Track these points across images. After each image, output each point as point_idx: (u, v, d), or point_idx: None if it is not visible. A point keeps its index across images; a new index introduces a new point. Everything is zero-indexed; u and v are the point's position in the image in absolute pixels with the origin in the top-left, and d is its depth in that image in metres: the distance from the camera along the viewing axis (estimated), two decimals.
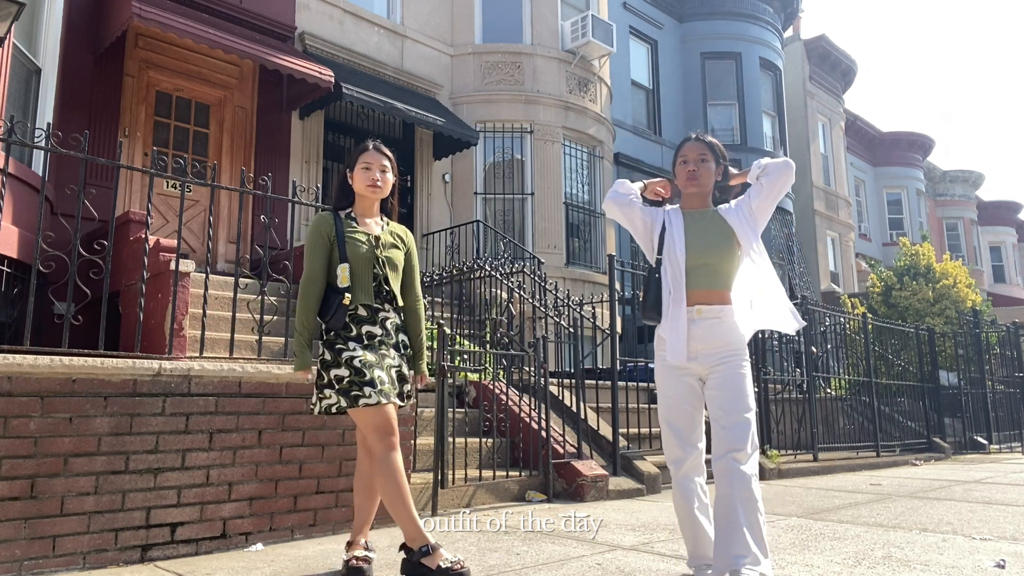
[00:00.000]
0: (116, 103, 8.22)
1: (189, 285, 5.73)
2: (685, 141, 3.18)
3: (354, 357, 3.06)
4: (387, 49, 11.04)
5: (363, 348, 3.09)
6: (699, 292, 2.98)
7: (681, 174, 3.13)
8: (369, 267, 3.18)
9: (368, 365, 3.05)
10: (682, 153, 3.15)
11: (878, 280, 16.37)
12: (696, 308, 2.96)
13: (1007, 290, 30.11)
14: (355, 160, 3.30)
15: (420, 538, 3.02)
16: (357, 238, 3.20)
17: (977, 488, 6.51)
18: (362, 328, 3.14)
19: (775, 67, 18.26)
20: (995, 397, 12.57)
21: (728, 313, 2.97)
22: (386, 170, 3.29)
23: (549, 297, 7.37)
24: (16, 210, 5.81)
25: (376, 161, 3.28)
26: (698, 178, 3.09)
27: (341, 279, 3.13)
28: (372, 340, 3.14)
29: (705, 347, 2.93)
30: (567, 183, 12.14)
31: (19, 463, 3.18)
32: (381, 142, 3.37)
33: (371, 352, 3.10)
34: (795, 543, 3.90)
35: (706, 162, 3.10)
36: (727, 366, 2.92)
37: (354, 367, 3.04)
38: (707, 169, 3.10)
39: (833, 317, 10.09)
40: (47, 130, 3.97)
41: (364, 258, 3.17)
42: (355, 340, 3.11)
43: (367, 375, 3.03)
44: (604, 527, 4.39)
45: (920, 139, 26.69)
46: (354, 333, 3.12)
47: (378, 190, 3.27)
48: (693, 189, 3.11)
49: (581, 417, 6.24)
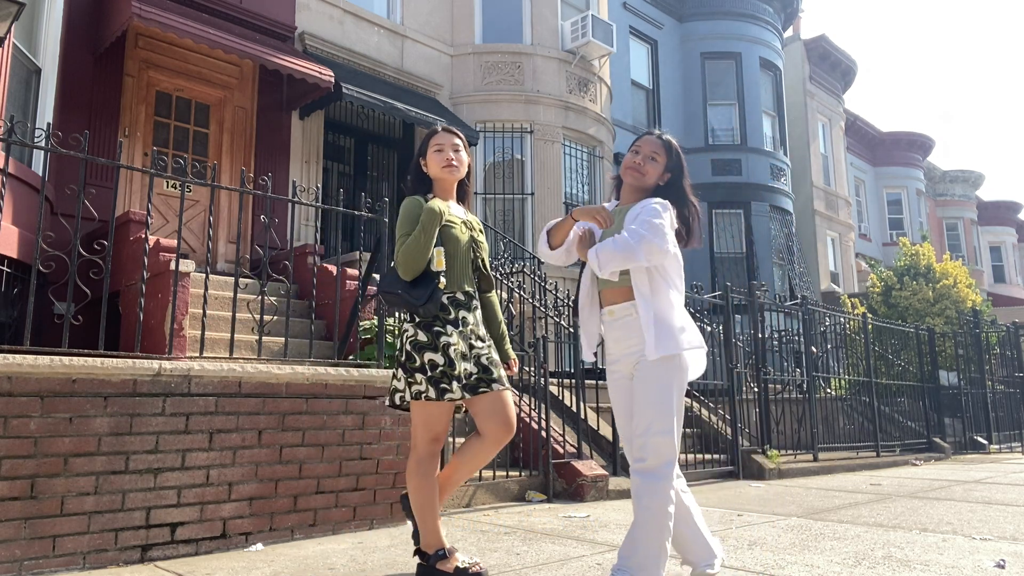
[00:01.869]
0: (116, 103, 8.22)
1: (189, 285, 5.74)
2: (646, 134, 3.03)
3: (450, 344, 2.94)
4: (387, 49, 11.04)
5: (459, 335, 2.98)
6: (608, 292, 2.87)
7: (626, 162, 2.97)
8: (468, 251, 3.10)
9: (461, 356, 2.95)
10: (637, 144, 2.99)
11: (878, 280, 16.37)
12: (608, 310, 2.86)
13: (1007, 290, 30.11)
14: (426, 145, 3.20)
15: (437, 542, 2.95)
16: (452, 221, 3.09)
17: (977, 488, 6.51)
18: (459, 312, 3.02)
19: (775, 67, 18.25)
20: (995, 397, 12.57)
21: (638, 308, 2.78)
22: (459, 148, 3.17)
23: (549, 297, 7.37)
24: (16, 210, 5.81)
25: (448, 141, 3.17)
26: (639, 171, 2.91)
27: (436, 262, 3.00)
28: (466, 327, 3.03)
29: (624, 347, 2.82)
30: (567, 183, 12.14)
31: (19, 463, 3.18)
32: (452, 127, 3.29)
33: (464, 340, 3.00)
34: (795, 543, 3.90)
35: (655, 161, 2.92)
36: (643, 365, 2.76)
37: (449, 356, 2.92)
38: (653, 167, 2.91)
39: (833, 317, 10.10)
40: (47, 130, 3.97)
41: (461, 242, 3.08)
42: (452, 324, 2.99)
43: (456, 368, 2.92)
44: (604, 527, 4.39)
45: (920, 139, 26.68)
46: (452, 316, 3.00)
47: (455, 169, 3.14)
48: (629, 179, 2.94)
49: (581, 417, 6.24)
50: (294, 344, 5.81)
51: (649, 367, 2.72)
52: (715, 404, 7.79)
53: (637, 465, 2.70)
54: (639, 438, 2.70)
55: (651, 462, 2.67)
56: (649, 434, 2.68)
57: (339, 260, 5.30)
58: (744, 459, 7.38)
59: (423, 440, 2.98)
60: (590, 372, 7.22)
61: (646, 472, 2.68)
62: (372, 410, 4.39)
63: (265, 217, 4.63)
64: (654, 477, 2.66)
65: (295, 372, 4.09)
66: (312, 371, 4.16)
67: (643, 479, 2.68)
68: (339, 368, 4.34)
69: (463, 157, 3.18)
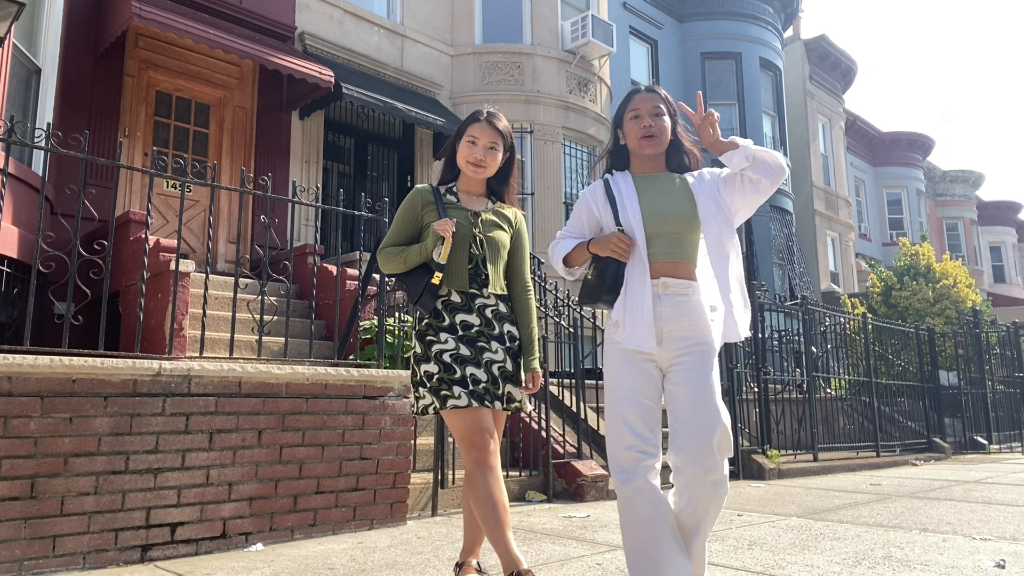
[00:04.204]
0: (116, 103, 8.22)
1: (189, 285, 5.74)
2: (635, 93, 2.67)
3: (444, 351, 2.70)
4: (387, 49, 11.04)
5: (457, 340, 2.71)
6: (661, 264, 2.49)
7: (633, 131, 2.60)
8: (465, 246, 2.77)
9: (461, 360, 2.69)
10: (632, 106, 2.62)
11: (878, 280, 16.37)
12: (661, 281, 2.47)
13: (1007, 290, 30.11)
14: (463, 130, 2.88)
15: (511, 564, 2.57)
16: (454, 214, 2.82)
17: (977, 488, 6.51)
18: (456, 317, 2.74)
19: (775, 67, 18.26)
20: (995, 397, 12.57)
21: (695, 291, 2.49)
22: (495, 147, 2.85)
23: (549, 297, 7.37)
24: (16, 210, 5.81)
25: (484, 136, 2.83)
26: (656, 135, 2.58)
27: (441, 256, 2.72)
28: (469, 331, 2.73)
29: (671, 329, 2.44)
30: (567, 183, 12.14)
31: (19, 463, 3.18)
32: (497, 112, 2.93)
33: (467, 345, 2.71)
34: (795, 543, 3.90)
35: (661, 116, 2.59)
36: (695, 356, 2.42)
37: (443, 362, 2.69)
38: (663, 125, 2.59)
39: (833, 317, 10.09)
40: (47, 130, 3.97)
41: (459, 235, 2.76)
42: (447, 331, 2.73)
43: (457, 372, 2.67)
44: (604, 527, 4.39)
45: (920, 139, 26.69)
46: (447, 323, 2.74)
47: (480, 171, 2.84)
48: (651, 151, 2.59)
49: (581, 417, 6.24)
50: (294, 344, 5.81)
51: (710, 355, 2.43)
52: None
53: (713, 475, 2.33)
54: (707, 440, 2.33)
55: (724, 467, 2.37)
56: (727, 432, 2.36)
57: (339, 260, 5.31)
58: (744, 459, 7.38)
59: (463, 453, 2.69)
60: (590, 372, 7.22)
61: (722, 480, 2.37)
62: (372, 410, 4.39)
63: (265, 217, 4.63)
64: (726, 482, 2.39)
65: (295, 372, 4.09)
66: (312, 371, 4.16)
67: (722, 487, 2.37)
68: (339, 368, 4.34)
69: (496, 157, 2.86)
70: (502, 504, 2.62)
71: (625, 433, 2.42)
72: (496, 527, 2.59)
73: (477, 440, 2.64)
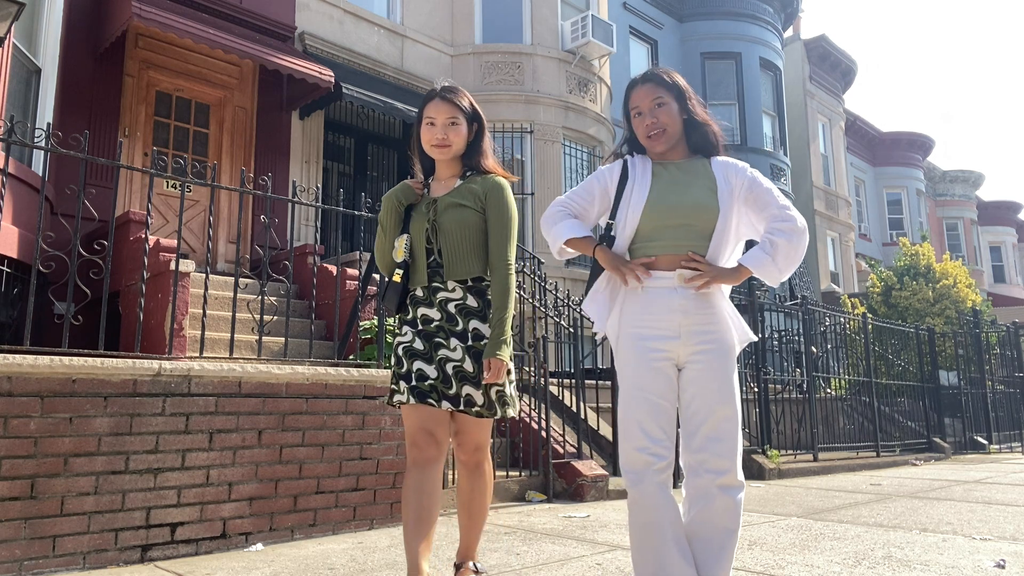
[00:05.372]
0: (116, 103, 8.22)
1: (189, 285, 5.74)
2: (633, 86, 2.51)
3: (401, 343, 2.64)
4: (387, 49, 11.04)
5: (415, 334, 2.62)
6: (672, 257, 2.38)
7: (639, 130, 2.48)
8: (421, 238, 2.66)
9: (412, 354, 2.59)
10: (633, 103, 2.49)
11: (878, 280, 16.37)
12: (677, 273, 2.35)
13: (1007, 290, 30.11)
14: (420, 113, 2.73)
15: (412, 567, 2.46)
16: (422, 208, 2.71)
17: (977, 488, 6.51)
18: (418, 310, 2.65)
19: (775, 67, 18.26)
20: (995, 397, 12.57)
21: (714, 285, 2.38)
22: (456, 122, 2.68)
23: (549, 297, 7.37)
24: (16, 210, 5.81)
25: (441, 113, 2.67)
26: (664, 130, 2.43)
27: (397, 252, 2.68)
28: (428, 325, 2.62)
29: (689, 323, 2.34)
30: (567, 183, 12.14)
31: (19, 463, 3.18)
32: (452, 85, 2.76)
33: (423, 339, 2.60)
34: (795, 543, 3.90)
35: (665, 106, 2.44)
36: (712, 354, 2.33)
37: (398, 355, 2.63)
38: (669, 114, 2.43)
39: (833, 317, 10.09)
40: (47, 130, 3.97)
41: (418, 226, 2.67)
42: (409, 324, 2.66)
43: (404, 367, 2.59)
44: (604, 527, 4.39)
45: (920, 139, 26.69)
46: (410, 316, 2.67)
47: (445, 150, 2.69)
48: (660, 148, 2.45)
49: (581, 417, 6.24)
50: (294, 344, 5.81)
51: (729, 351, 2.36)
52: None
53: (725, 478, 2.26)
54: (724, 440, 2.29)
55: (739, 472, 2.31)
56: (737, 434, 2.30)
57: (339, 260, 5.31)
58: (744, 459, 7.34)
59: (407, 450, 2.63)
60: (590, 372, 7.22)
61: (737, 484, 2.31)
62: (372, 410, 4.39)
63: (265, 217, 4.63)
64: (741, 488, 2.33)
65: (295, 372, 4.09)
66: (312, 371, 4.16)
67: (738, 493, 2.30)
68: (339, 368, 4.34)
69: (460, 132, 2.68)
70: (425, 510, 2.50)
71: (636, 434, 2.31)
72: (410, 532, 2.48)
73: (417, 439, 2.56)
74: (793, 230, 2.35)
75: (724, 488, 2.28)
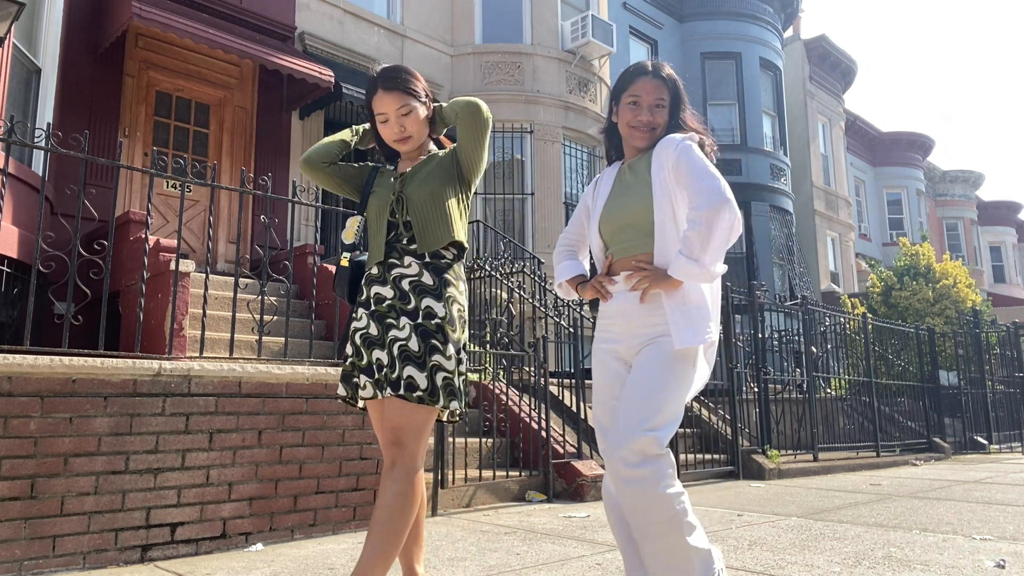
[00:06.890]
0: (116, 103, 8.22)
1: (189, 285, 5.74)
2: (639, 75, 2.39)
3: (358, 329, 2.48)
4: (387, 49, 11.04)
5: (369, 316, 2.46)
6: (623, 261, 2.35)
7: (626, 117, 2.39)
8: (384, 212, 2.50)
9: (370, 343, 2.42)
10: (633, 91, 2.38)
11: (878, 280, 16.38)
12: (623, 276, 2.34)
13: (1007, 290, 30.12)
14: (369, 110, 2.60)
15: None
16: (383, 182, 2.57)
17: (977, 488, 6.51)
18: (371, 289, 2.48)
19: (775, 67, 18.27)
20: (995, 397, 12.57)
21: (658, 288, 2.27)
22: (409, 110, 2.50)
23: (549, 297, 7.37)
24: (16, 210, 5.81)
25: (390, 106, 2.50)
26: (653, 130, 2.37)
27: (346, 234, 2.56)
28: (380, 305, 2.44)
29: (631, 325, 2.30)
30: (567, 183, 12.15)
31: (19, 463, 3.18)
32: (390, 69, 2.57)
33: (377, 322, 2.43)
34: (795, 543, 3.90)
35: (662, 109, 2.37)
36: (650, 350, 2.23)
37: (355, 343, 2.47)
38: (661, 120, 2.37)
39: (833, 317, 10.10)
40: (47, 130, 3.97)
41: (380, 201, 2.52)
42: (363, 306, 2.50)
43: (364, 358, 2.45)
44: (604, 527, 4.39)
45: (920, 139, 26.70)
46: (363, 296, 2.51)
47: (407, 142, 2.54)
48: (640, 143, 2.38)
49: (581, 417, 6.24)
50: (294, 344, 5.81)
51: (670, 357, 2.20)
52: (715, 404, 7.80)
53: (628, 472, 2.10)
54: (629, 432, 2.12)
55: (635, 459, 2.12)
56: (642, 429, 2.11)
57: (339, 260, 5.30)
58: (744, 459, 7.38)
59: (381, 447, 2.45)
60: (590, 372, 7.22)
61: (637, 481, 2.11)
62: None
63: (265, 217, 4.63)
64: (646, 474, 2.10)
65: (295, 372, 4.09)
66: (312, 371, 4.16)
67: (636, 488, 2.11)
68: (339, 368, 4.34)
69: (416, 119, 2.51)
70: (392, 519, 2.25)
71: (599, 435, 2.35)
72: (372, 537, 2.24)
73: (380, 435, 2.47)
74: (702, 216, 2.12)
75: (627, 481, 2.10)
